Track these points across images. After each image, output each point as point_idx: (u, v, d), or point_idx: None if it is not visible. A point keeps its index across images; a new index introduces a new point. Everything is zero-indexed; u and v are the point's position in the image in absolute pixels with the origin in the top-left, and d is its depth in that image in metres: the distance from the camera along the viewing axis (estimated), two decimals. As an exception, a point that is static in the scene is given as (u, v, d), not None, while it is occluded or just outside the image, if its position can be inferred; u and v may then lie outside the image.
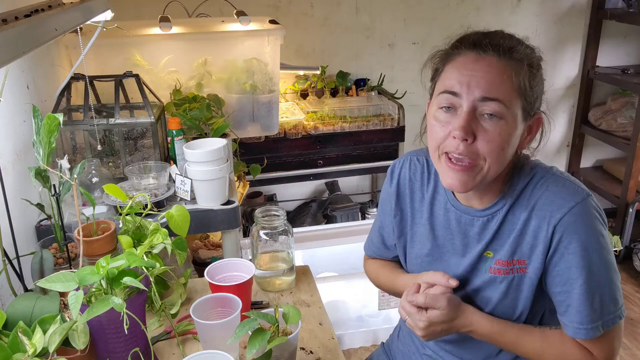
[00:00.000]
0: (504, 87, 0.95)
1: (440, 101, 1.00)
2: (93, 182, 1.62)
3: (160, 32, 2.11)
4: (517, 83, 0.96)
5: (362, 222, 2.72)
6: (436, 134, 1.01)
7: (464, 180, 0.99)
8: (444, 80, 1.01)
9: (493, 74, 0.95)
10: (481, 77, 0.95)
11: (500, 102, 0.95)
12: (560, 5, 3.21)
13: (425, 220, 1.17)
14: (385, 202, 1.25)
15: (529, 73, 0.98)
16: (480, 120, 0.96)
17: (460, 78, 0.97)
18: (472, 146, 0.96)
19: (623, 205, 3.04)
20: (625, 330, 2.60)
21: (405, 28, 3.08)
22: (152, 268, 1.08)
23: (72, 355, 0.98)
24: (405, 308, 1.08)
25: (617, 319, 1.02)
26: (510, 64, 0.96)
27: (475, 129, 0.96)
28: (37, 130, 1.23)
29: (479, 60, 0.96)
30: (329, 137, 2.73)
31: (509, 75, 0.96)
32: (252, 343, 0.97)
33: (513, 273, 1.06)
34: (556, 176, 1.04)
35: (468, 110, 0.96)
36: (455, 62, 0.99)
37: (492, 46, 0.96)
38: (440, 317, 1.05)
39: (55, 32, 1.04)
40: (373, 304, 2.40)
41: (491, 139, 0.96)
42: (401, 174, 1.22)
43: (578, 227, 0.99)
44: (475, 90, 0.95)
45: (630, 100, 3.17)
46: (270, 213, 1.36)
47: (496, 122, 0.96)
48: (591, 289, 0.99)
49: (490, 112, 0.95)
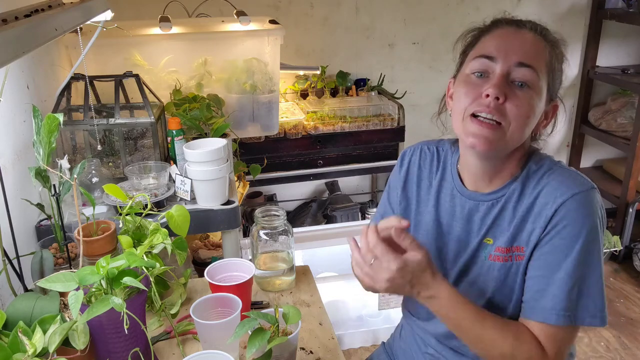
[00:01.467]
0: (538, 58, 1.01)
1: (473, 66, 1.04)
2: (93, 182, 1.62)
3: (160, 32, 2.11)
4: (548, 60, 1.03)
5: (362, 222, 2.72)
6: (465, 96, 1.03)
7: (488, 138, 0.99)
8: (479, 48, 1.06)
9: (529, 44, 1.02)
10: (519, 45, 1.01)
11: (534, 71, 1.00)
12: (560, 5, 3.21)
13: (431, 208, 1.18)
14: (393, 188, 1.27)
15: (557, 55, 1.05)
16: (512, 87, 1.00)
17: (499, 44, 1.02)
18: (502, 107, 0.99)
19: (623, 205, 3.04)
20: (625, 330, 2.60)
21: (405, 28, 3.08)
22: (152, 268, 1.08)
23: (72, 355, 0.98)
24: (377, 248, 0.96)
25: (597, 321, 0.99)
26: (544, 42, 1.03)
27: (507, 92, 0.99)
28: (37, 130, 1.23)
29: (518, 32, 1.03)
30: (329, 137, 2.73)
31: (543, 51, 1.02)
32: (252, 343, 0.97)
33: (511, 261, 1.06)
34: (564, 168, 1.07)
35: (502, 73, 1.00)
36: (493, 33, 1.05)
37: (530, 24, 1.04)
38: (417, 265, 0.96)
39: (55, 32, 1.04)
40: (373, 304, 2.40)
41: (520, 104, 0.99)
42: (411, 161, 1.24)
43: (578, 214, 0.99)
44: (513, 55, 1.00)
45: (630, 100, 3.17)
46: (270, 213, 1.36)
47: (526, 91, 1.00)
48: (573, 277, 0.98)
49: (522, 79, 1.00)
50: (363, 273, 1.02)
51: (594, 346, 2.52)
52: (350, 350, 2.42)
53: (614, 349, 2.50)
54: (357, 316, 2.50)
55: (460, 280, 1.14)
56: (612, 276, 3.03)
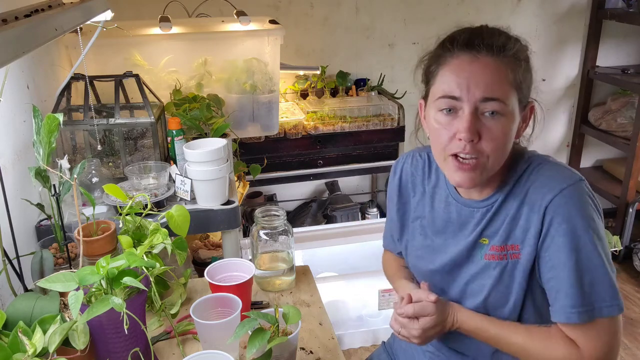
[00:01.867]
0: (501, 85, 0.98)
1: (440, 105, 1.02)
2: (93, 182, 1.62)
3: (160, 32, 2.11)
4: (512, 79, 0.99)
5: (362, 222, 2.72)
6: (440, 137, 1.03)
7: (472, 178, 1.02)
8: (440, 84, 1.02)
9: (490, 74, 0.98)
10: (480, 78, 0.98)
11: (500, 101, 0.98)
12: (560, 5, 3.21)
13: (426, 214, 1.19)
14: (390, 196, 1.29)
15: (521, 67, 1.01)
16: (483, 120, 0.99)
17: (459, 81, 0.99)
18: (477, 145, 1.00)
19: (623, 205, 3.04)
20: (625, 330, 2.60)
21: (405, 28, 3.08)
22: (152, 268, 1.08)
23: (72, 355, 0.98)
24: (397, 320, 1.12)
25: (614, 309, 0.99)
26: (504, 61, 0.99)
27: (479, 128, 0.99)
28: (37, 130, 1.23)
29: (474, 61, 0.98)
30: (329, 137, 2.73)
31: (505, 74, 0.98)
32: (252, 343, 0.97)
33: (506, 259, 1.07)
34: (551, 163, 1.07)
35: (470, 111, 0.98)
36: (450, 65, 1.01)
37: (485, 46, 0.98)
38: (431, 323, 1.09)
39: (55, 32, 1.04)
40: (373, 304, 2.40)
41: (495, 137, 0.99)
42: (403, 169, 1.26)
43: (569, 208, 0.99)
44: (476, 91, 0.98)
45: (630, 100, 3.17)
46: (270, 213, 1.36)
47: (498, 120, 0.99)
48: (580, 270, 0.99)
49: (491, 111, 0.98)
50: (401, 338, 1.14)
51: (594, 346, 2.52)
52: (350, 350, 2.42)
53: (614, 349, 2.49)
54: (357, 316, 2.50)
55: (457, 281, 1.14)
56: (612, 276, 3.03)
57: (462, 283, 1.13)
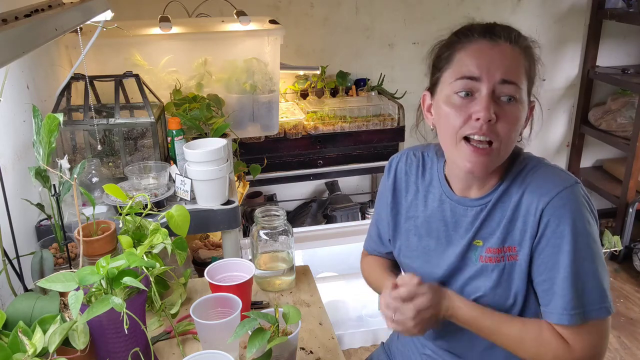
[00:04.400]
0: (518, 71, 1.01)
1: (456, 87, 1.02)
2: (93, 182, 1.62)
3: (160, 32, 2.11)
4: (526, 67, 1.03)
5: (362, 222, 2.72)
6: (454, 119, 1.02)
7: (484, 163, 1.02)
8: (458, 67, 1.03)
9: (509, 59, 1.01)
10: (499, 61, 1.00)
11: (517, 85, 1.00)
12: (560, 5, 3.21)
13: (420, 213, 1.19)
14: (383, 196, 1.28)
15: (532, 60, 1.05)
16: (499, 103, 1.00)
17: (479, 62, 1.00)
18: (494, 127, 1.00)
19: (623, 205, 3.04)
20: (625, 330, 2.60)
21: (405, 28, 3.08)
22: (152, 268, 1.08)
23: (72, 355, 0.98)
24: (390, 305, 1.08)
25: (603, 312, 1.00)
26: (520, 50, 1.02)
27: (496, 110, 0.99)
28: (37, 130, 1.23)
29: (494, 46, 1.01)
30: (329, 137, 2.72)
31: (521, 61, 1.02)
32: (252, 343, 0.97)
33: (504, 261, 1.07)
34: (547, 165, 1.07)
35: (488, 92, 0.99)
36: (469, 50, 1.03)
37: (503, 34, 1.02)
38: (426, 302, 1.05)
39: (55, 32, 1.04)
40: (373, 304, 2.40)
41: (510, 120, 1.00)
42: (398, 168, 1.25)
43: (565, 211, 1.00)
44: (496, 73, 0.99)
45: (630, 100, 3.17)
46: (270, 213, 1.36)
47: (514, 105, 1.01)
48: (575, 274, 0.99)
49: (508, 95, 1.00)
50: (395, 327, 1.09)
51: (594, 346, 2.52)
52: (350, 350, 2.42)
53: (614, 349, 2.50)
54: (357, 316, 2.50)
55: (452, 281, 1.14)
56: (612, 276, 3.03)
57: (458, 285, 1.13)
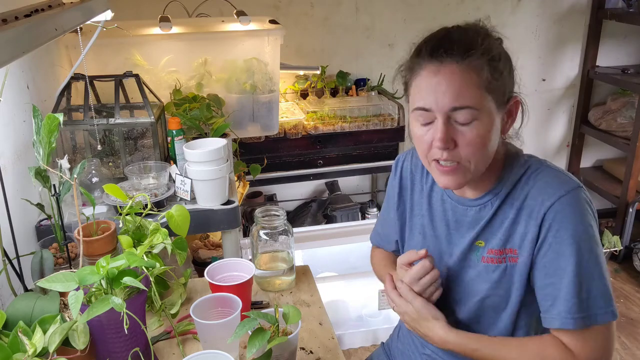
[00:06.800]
0: (470, 91, 0.96)
1: (416, 116, 1.03)
2: (93, 182, 1.62)
3: (160, 32, 2.11)
4: (482, 82, 0.97)
5: (362, 222, 2.72)
6: (421, 145, 1.04)
7: (456, 180, 1.03)
8: (413, 96, 1.03)
9: (456, 82, 0.96)
10: (446, 88, 0.96)
11: (471, 108, 0.97)
12: (560, 5, 3.21)
13: (424, 212, 1.20)
14: (389, 196, 1.29)
15: (491, 67, 0.97)
16: (457, 127, 0.99)
17: (427, 94, 0.98)
18: (455, 152, 1.00)
19: (623, 205, 3.04)
20: (625, 330, 2.60)
21: (405, 28, 3.08)
22: (152, 268, 1.08)
23: (72, 355, 0.98)
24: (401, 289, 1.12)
25: (608, 316, 1.00)
26: (470, 66, 0.96)
27: (454, 135, 0.98)
28: (37, 130, 1.23)
29: (440, 70, 0.97)
30: (329, 137, 2.73)
31: (472, 78, 0.96)
32: (252, 343, 0.97)
33: (505, 262, 1.07)
34: (549, 168, 1.06)
35: (443, 121, 0.98)
36: (419, 77, 1.01)
37: (449, 53, 0.97)
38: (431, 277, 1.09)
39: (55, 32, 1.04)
40: (373, 304, 2.40)
41: (470, 142, 0.98)
42: (403, 167, 1.26)
43: (567, 215, 1.00)
44: (445, 101, 0.97)
45: (630, 100, 3.17)
46: (270, 213, 1.36)
47: (472, 126, 0.98)
48: (579, 278, 0.99)
49: (463, 120, 0.97)
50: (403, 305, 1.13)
51: (594, 346, 2.52)
52: (350, 350, 2.42)
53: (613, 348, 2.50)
54: (357, 316, 2.50)
55: (453, 281, 1.15)
56: (612, 276, 3.03)
57: (460, 284, 1.14)
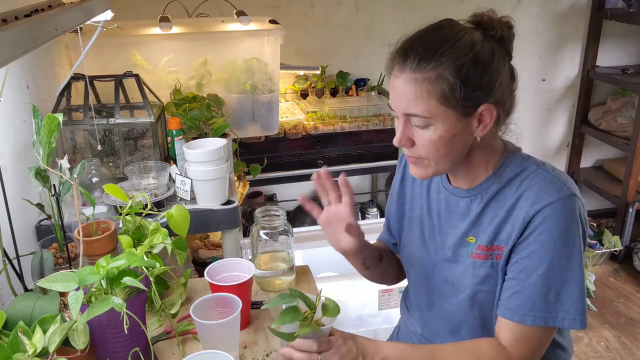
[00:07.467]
0: (419, 102, 0.99)
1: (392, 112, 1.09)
2: (93, 182, 1.62)
3: (160, 32, 2.11)
4: (437, 93, 0.97)
5: (362, 222, 2.72)
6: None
7: (419, 172, 1.09)
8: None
9: (408, 91, 1.00)
10: (400, 95, 1.01)
11: (420, 116, 1.00)
12: (560, 5, 3.21)
13: (423, 203, 1.22)
14: (393, 185, 1.33)
15: (454, 77, 0.96)
16: (413, 128, 1.03)
17: (392, 95, 1.05)
18: (414, 149, 1.05)
19: (623, 205, 3.04)
20: (625, 330, 2.60)
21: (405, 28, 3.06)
22: (152, 268, 1.08)
23: (72, 355, 0.98)
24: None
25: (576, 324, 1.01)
26: (425, 76, 0.97)
27: (411, 135, 1.04)
28: (37, 130, 1.23)
29: (399, 76, 1.01)
30: (329, 137, 2.73)
31: (424, 89, 0.98)
32: (282, 317, 0.94)
33: (491, 259, 1.08)
34: (547, 172, 1.06)
35: (402, 121, 1.04)
36: (391, 77, 1.06)
37: (410, 59, 0.99)
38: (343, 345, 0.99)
39: (55, 32, 1.04)
40: (373, 304, 2.40)
41: (425, 144, 1.03)
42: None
43: (555, 222, 1.00)
44: (400, 106, 1.02)
45: (630, 100, 3.17)
46: (270, 213, 1.36)
47: (428, 130, 1.02)
48: (547, 281, 1.00)
49: (418, 123, 1.02)
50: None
51: (594, 346, 2.52)
52: (350, 350, 2.42)
53: (614, 348, 2.50)
54: (357, 316, 2.49)
55: (443, 276, 1.17)
56: (612, 276, 3.03)
57: (449, 278, 1.16)
